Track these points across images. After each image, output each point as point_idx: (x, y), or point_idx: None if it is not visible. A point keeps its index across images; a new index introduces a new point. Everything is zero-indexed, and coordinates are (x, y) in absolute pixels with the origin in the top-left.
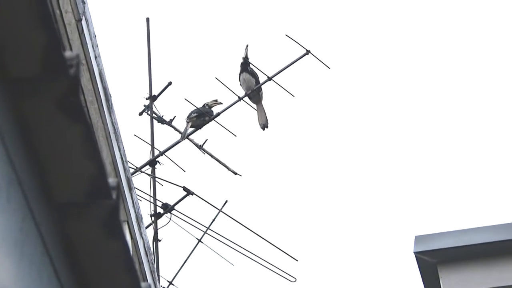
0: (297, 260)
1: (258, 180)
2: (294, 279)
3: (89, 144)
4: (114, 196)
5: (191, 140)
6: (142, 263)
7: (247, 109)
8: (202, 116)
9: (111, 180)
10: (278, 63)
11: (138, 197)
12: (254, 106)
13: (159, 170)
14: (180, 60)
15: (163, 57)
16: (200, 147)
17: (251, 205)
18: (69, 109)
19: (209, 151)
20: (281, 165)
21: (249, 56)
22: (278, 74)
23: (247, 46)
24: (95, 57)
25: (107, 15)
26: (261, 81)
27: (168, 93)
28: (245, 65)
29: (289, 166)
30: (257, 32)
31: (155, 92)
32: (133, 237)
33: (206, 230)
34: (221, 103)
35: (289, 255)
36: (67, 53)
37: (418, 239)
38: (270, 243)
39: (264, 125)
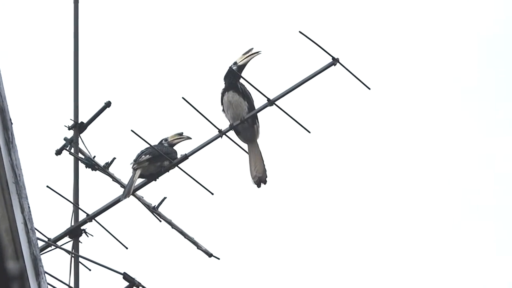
0: None
1: (244, 265)
2: None
3: None
4: None
5: (139, 199)
6: None
7: (232, 150)
8: (158, 160)
9: (11, 266)
10: (285, 79)
11: (50, 287)
12: (245, 146)
13: (86, 244)
14: (127, 69)
15: (99, 62)
16: (153, 209)
17: None
18: None
19: (169, 217)
20: (282, 241)
21: (245, 66)
22: (285, 96)
23: (255, 53)
24: None
25: None
26: (257, 106)
27: (105, 120)
28: (233, 78)
29: (295, 243)
30: (250, 27)
31: (83, 118)
32: None
33: None
34: (189, 138)
35: None
36: None
37: None
38: None
39: (260, 179)
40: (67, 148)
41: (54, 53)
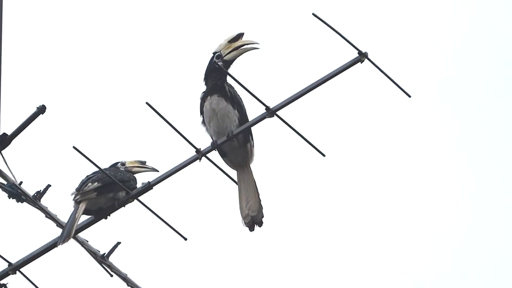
0: None
1: None
2: None
3: None
4: None
5: (83, 244)
6: None
7: (215, 178)
8: (110, 190)
9: None
10: (290, 81)
11: None
12: (233, 174)
13: None
14: (68, 68)
15: (28, 55)
16: (102, 258)
17: None
18: None
19: (124, 269)
20: None
21: (233, 61)
22: (290, 104)
23: (248, 45)
24: None
25: None
26: (252, 117)
27: (37, 132)
28: (218, 77)
29: None
30: (243, 8)
31: (6, 129)
32: None
33: None
34: (154, 170)
35: None
36: None
37: None
38: None
39: (254, 219)
40: None
41: None
